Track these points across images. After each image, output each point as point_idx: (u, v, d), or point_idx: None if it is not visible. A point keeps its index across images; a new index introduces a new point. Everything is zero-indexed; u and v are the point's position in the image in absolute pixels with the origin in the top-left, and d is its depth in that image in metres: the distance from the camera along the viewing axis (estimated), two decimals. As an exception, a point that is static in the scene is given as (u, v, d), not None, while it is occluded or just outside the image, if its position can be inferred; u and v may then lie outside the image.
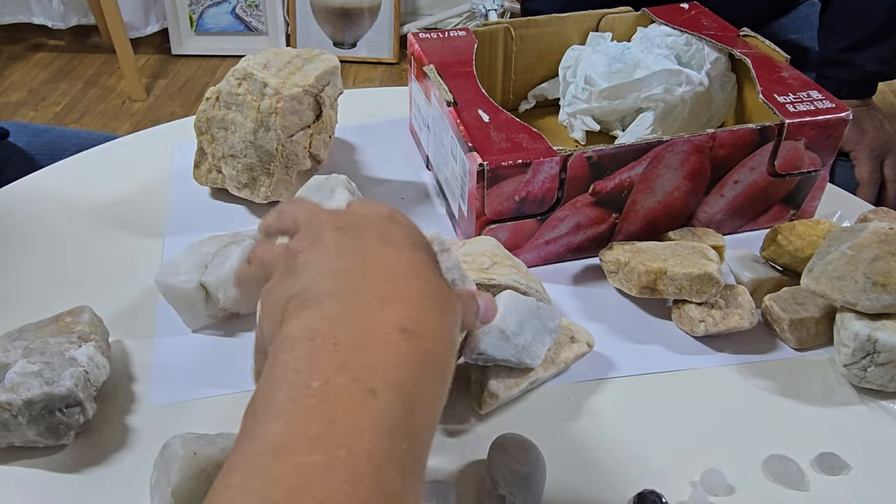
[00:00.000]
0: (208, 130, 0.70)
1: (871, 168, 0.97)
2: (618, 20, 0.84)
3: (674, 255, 0.60)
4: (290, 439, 0.25)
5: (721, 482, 0.48)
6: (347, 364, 0.27)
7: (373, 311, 0.30)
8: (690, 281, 0.57)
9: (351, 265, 0.32)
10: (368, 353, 0.28)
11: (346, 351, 0.28)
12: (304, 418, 0.26)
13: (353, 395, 0.26)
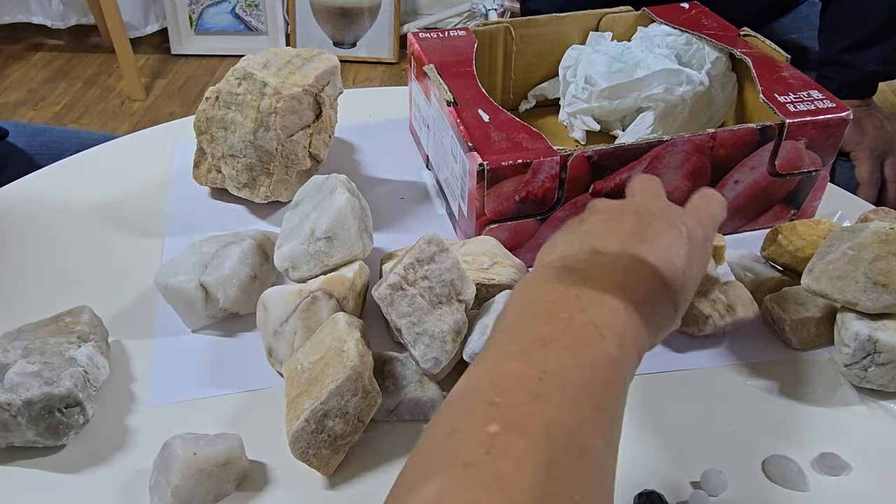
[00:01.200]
0: (208, 130, 0.70)
1: (872, 168, 0.97)
2: (618, 20, 0.83)
3: None
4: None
5: (721, 482, 0.48)
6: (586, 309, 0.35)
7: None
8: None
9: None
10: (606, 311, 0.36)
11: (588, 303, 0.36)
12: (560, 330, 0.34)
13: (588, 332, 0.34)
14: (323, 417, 0.47)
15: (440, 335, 0.51)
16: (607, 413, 0.31)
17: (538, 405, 0.28)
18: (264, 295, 0.55)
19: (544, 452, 0.27)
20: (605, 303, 0.35)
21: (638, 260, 0.38)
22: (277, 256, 0.58)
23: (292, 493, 0.48)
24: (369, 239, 0.61)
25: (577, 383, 0.30)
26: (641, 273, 0.38)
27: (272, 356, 0.55)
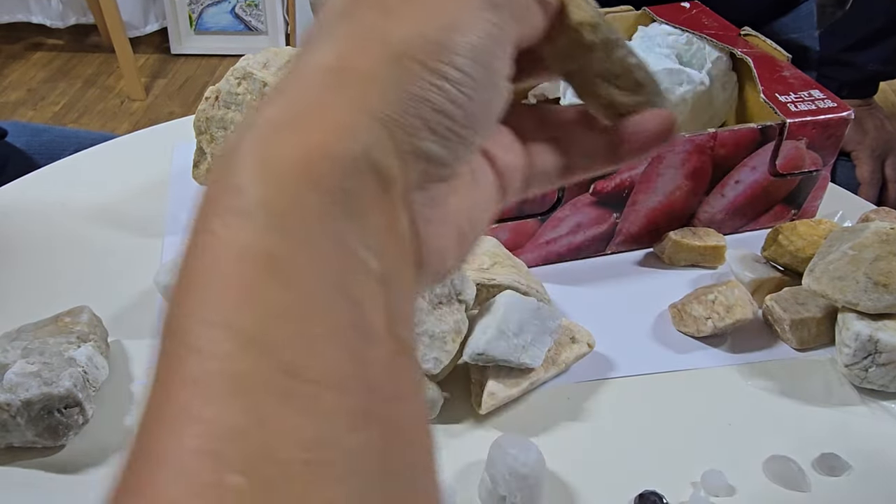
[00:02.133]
0: (208, 130, 0.70)
1: (873, 168, 0.97)
2: (618, 19, 0.83)
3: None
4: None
5: (722, 483, 0.48)
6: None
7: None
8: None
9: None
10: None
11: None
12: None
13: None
14: (323, 418, 0.46)
15: (440, 335, 0.51)
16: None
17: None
18: (264, 295, 0.54)
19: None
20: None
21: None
22: (277, 256, 0.58)
23: (292, 493, 0.48)
24: (369, 239, 0.60)
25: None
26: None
27: (272, 356, 0.55)
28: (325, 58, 0.21)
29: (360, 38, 0.21)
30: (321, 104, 0.20)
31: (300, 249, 0.18)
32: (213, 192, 0.20)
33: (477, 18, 0.22)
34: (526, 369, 0.53)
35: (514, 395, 0.53)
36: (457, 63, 0.21)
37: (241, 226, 0.18)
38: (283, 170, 0.19)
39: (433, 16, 0.21)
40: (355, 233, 0.19)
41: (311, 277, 0.18)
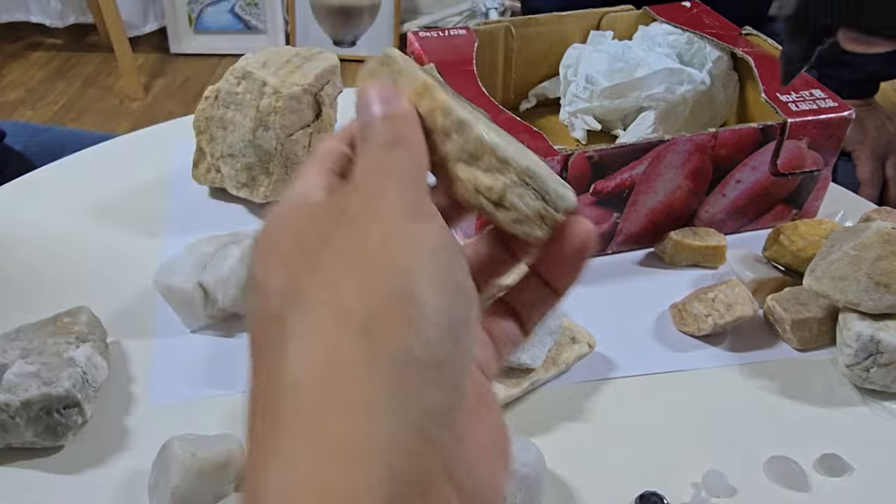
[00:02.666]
0: (207, 130, 0.70)
1: (873, 168, 0.96)
2: (619, 19, 0.83)
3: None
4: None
5: (723, 483, 0.48)
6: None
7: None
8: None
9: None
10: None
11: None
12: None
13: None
14: (323, 418, 0.46)
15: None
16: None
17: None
18: (264, 295, 0.54)
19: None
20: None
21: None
22: (277, 256, 0.58)
23: (292, 494, 0.48)
24: (369, 239, 0.60)
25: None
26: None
27: (272, 356, 0.55)
28: (302, 365, 0.20)
29: (322, 332, 0.20)
30: (332, 444, 0.19)
31: None
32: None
33: (419, 245, 0.22)
34: (526, 369, 0.53)
35: (514, 395, 0.53)
36: (424, 304, 0.20)
37: None
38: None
39: (376, 269, 0.21)
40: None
41: None
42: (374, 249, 0.21)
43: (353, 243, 0.22)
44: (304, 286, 0.21)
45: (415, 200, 0.23)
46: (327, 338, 0.20)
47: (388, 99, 0.25)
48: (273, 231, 0.23)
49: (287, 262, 0.22)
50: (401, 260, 0.21)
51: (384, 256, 0.21)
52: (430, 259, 0.21)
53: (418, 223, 0.22)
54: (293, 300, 0.21)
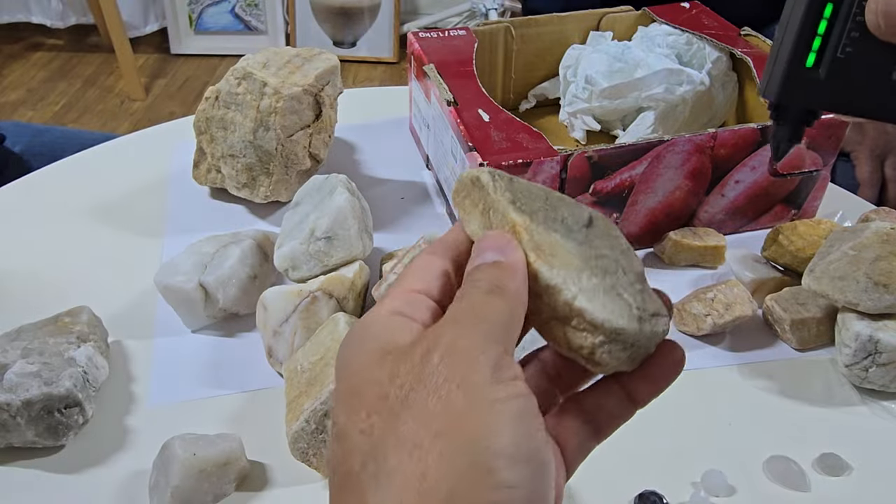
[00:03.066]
0: (207, 130, 0.70)
1: (872, 168, 0.97)
2: (618, 19, 0.83)
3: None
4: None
5: (722, 483, 0.48)
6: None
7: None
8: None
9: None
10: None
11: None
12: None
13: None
14: (323, 417, 0.46)
15: (440, 335, 0.51)
16: None
17: None
18: (264, 295, 0.54)
19: None
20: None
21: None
22: (277, 256, 0.58)
23: (292, 493, 0.48)
24: (369, 239, 0.61)
25: None
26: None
27: (272, 356, 0.55)
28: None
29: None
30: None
31: None
32: None
33: (499, 413, 0.22)
34: (526, 369, 0.53)
35: (514, 395, 0.53)
36: (503, 481, 0.21)
37: None
38: None
39: (456, 440, 0.21)
40: None
41: None
42: (456, 416, 0.21)
43: (435, 407, 0.22)
44: (386, 448, 0.22)
45: (499, 357, 0.23)
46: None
47: (503, 248, 0.26)
48: (358, 374, 0.24)
49: (370, 414, 0.23)
50: (482, 434, 0.21)
51: (466, 427, 0.21)
52: (510, 431, 0.21)
53: (500, 386, 0.22)
54: (373, 465, 0.22)
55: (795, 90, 0.29)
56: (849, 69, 0.28)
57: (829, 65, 0.28)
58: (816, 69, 0.29)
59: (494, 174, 0.28)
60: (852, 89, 0.28)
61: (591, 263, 0.27)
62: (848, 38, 0.28)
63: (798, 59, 0.29)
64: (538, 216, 0.28)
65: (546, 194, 0.30)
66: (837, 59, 0.28)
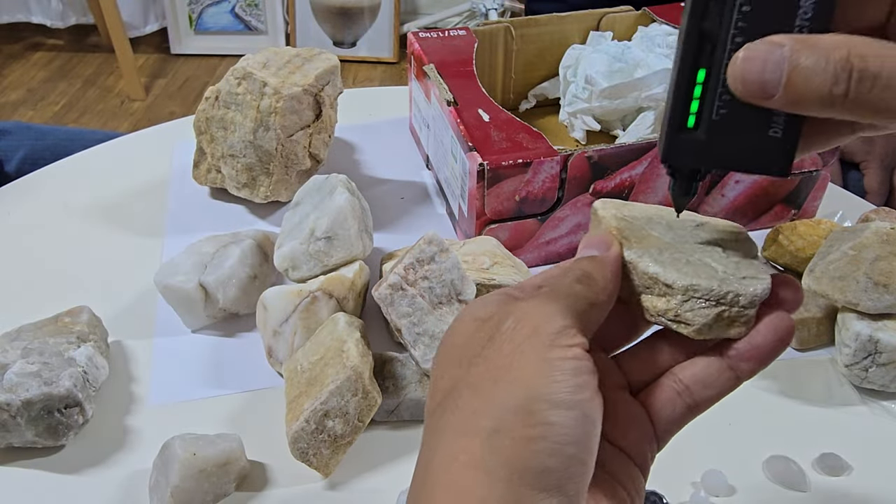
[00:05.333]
0: (208, 130, 0.70)
1: (882, 178, 0.97)
2: (618, 19, 0.83)
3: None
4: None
5: (722, 483, 0.48)
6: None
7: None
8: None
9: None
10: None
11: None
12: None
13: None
14: (323, 417, 0.46)
15: (440, 335, 0.51)
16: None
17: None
18: (264, 295, 0.54)
19: None
20: None
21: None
22: (277, 256, 0.58)
23: (292, 493, 0.48)
24: (369, 239, 0.61)
25: None
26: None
27: (272, 356, 0.55)
28: (443, 458, 0.25)
29: (462, 433, 0.25)
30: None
31: None
32: None
33: (550, 366, 0.26)
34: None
35: (514, 395, 0.53)
36: (543, 421, 0.25)
37: None
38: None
39: (510, 385, 0.25)
40: None
41: None
42: (512, 367, 0.26)
43: (498, 359, 0.26)
44: (459, 392, 0.27)
45: (564, 328, 0.27)
46: (461, 441, 0.25)
47: (599, 244, 0.31)
48: (453, 337, 0.29)
49: (452, 367, 0.28)
50: (532, 383, 0.25)
51: (518, 376, 0.26)
52: (556, 382, 0.25)
53: (557, 349, 0.26)
54: (450, 403, 0.27)
55: (681, 151, 0.30)
56: (727, 129, 0.29)
57: (708, 126, 0.29)
58: (696, 130, 0.30)
59: (605, 202, 0.33)
60: (734, 147, 0.29)
61: (682, 246, 0.31)
62: (721, 100, 0.29)
63: (679, 121, 0.30)
64: (638, 220, 0.32)
65: (657, 210, 0.34)
66: (714, 120, 0.29)
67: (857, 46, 0.24)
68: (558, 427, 0.25)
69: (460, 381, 0.27)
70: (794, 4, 0.27)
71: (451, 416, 0.26)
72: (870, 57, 0.24)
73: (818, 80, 0.25)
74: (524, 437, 0.24)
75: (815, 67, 0.25)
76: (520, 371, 0.26)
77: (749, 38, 0.27)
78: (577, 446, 0.25)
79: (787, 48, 0.25)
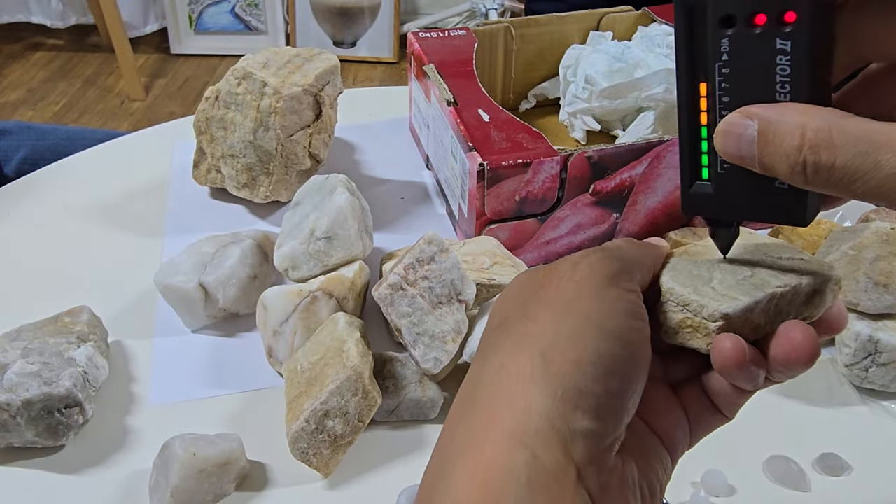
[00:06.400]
0: (208, 130, 0.70)
1: None
2: (618, 19, 0.83)
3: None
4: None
5: (722, 483, 0.48)
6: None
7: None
8: None
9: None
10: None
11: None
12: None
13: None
14: (323, 417, 0.46)
15: (440, 335, 0.51)
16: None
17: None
18: (264, 295, 0.54)
19: None
20: None
21: None
22: (277, 256, 0.58)
23: (292, 493, 0.48)
24: (369, 239, 0.61)
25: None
26: None
27: (272, 356, 0.55)
28: (493, 367, 0.27)
29: (515, 349, 0.27)
30: (492, 418, 0.26)
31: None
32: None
33: (604, 301, 0.27)
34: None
35: (514, 395, 0.53)
36: (592, 348, 0.26)
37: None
38: (470, 497, 0.24)
39: (565, 314, 0.27)
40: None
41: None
42: (566, 300, 0.28)
43: (553, 294, 0.28)
44: (512, 320, 0.29)
45: (619, 272, 0.29)
46: (512, 353, 0.27)
47: (653, 242, 0.33)
48: (507, 290, 0.31)
49: (510, 301, 0.30)
50: (585, 311, 0.27)
51: (575, 308, 0.27)
52: (608, 316, 0.27)
53: (611, 288, 0.28)
54: (502, 328, 0.29)
55: (698, 204, 0.31)
56: (735, 181, 0.29)
57: (718, 179, 0.30)
58: (710, 182, 0.30)
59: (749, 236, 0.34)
60: (746, 199, 0.30)
61: (714, 275, 0.31)
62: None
63: (691, 175, 0.30)
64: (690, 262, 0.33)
65: (768, 246, 0.33)
66: (720, 174, 0.29)
67: (813, 133, 0.25)
68: (607, 357, 0.26)
69: (513, 313, 0.29)
70: (770, 68, 0.27)
71: (504, 339, 0.28)
72: (822, 148, 0.25)
73: (782, 165, 0.26)
74: (573, 360, 0.26)
75: (777, 152, 0.26)
76: (577, 303, 0.27)
77: (733, 100, 0.28)
78: (620, 381, 0.26)
79: (754, 128, 0.26)
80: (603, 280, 0.28)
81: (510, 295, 0.30)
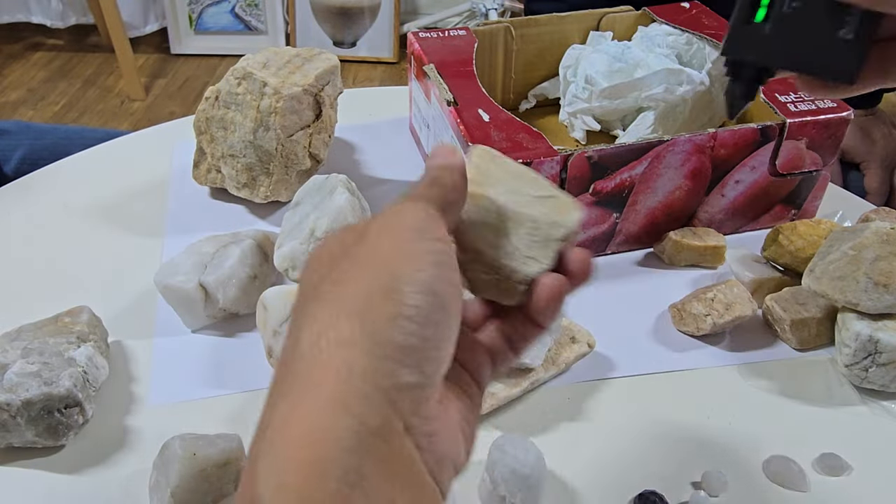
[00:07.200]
0: (208, 130, 0.70)
1: (882, 178, 0.97)
2: (618, 19, 0.83)
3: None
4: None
5: (722, 483, 0.48)
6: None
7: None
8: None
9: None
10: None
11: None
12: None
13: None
14: (323, 418, 0.46)
15: (440, 335, 0.51)
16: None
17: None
18: (264, 295, 0.54)
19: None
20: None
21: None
22: (277, 256, 0.58)
23: (292, 493, 0.48)
24: (369, 239, 0.60)
25: None
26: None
27: (272, 356, 0.55)
28: (310, 338, 0.27)
29: (331, 316, 0.27)
30: (313, 384, 0.25)
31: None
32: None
33: (413, 255, 0.27)
34: (526, 369, 0.53)
35: (514, 394, 0.53)
36: (407, 302, 0.26)
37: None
38: (293, 469, 0.23)
39: (375, 272, 0.27)
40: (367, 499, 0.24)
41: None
42: (379, 256, 0.28)
43: (366, 253, 0.28)
44: (323, 285, 0.28)
45: (425, 224, 0.29)
46: (329, 320, 0.26)
47: (445, 154, 0.33)
48: (321, 248, 0.31)
49: (319, 267, 0.29)
50: (397, 268, 0.27)
51: (386, 264, 0.27)
52: (419, 270, 0.27)
53: (421, 242, 0.28)
54: (313, 295, 0.28)
55: (745, 44, 0.29)
56: (795, 25, 0.28)
57: (776, 20, 0.28)
58: (765, 23, 0.29)
59: (484, 151, 0.36)
60: (801, 45, 0.28)
61: (509, 227, 0.33)
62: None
63: (747, 13, 0.29)
64: (492, 176, 0.36)
65: (521, 171, 0.36)
66: (784, 14, 0.28)
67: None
68: (419, 309, 0.26)
69: (325, 276, 0.28)
70: None
71: (318, 307, 0.27)
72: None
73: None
74: (389, 315, 0.26)
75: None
76: (388, 258, 0.27)
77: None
78: (434, 329, 0.27)
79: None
80: (411, 234, 0.28)
81: (320, 260, 0.30)
